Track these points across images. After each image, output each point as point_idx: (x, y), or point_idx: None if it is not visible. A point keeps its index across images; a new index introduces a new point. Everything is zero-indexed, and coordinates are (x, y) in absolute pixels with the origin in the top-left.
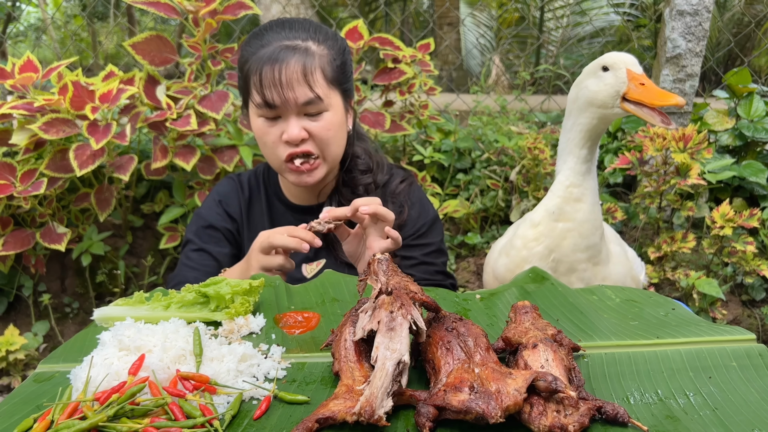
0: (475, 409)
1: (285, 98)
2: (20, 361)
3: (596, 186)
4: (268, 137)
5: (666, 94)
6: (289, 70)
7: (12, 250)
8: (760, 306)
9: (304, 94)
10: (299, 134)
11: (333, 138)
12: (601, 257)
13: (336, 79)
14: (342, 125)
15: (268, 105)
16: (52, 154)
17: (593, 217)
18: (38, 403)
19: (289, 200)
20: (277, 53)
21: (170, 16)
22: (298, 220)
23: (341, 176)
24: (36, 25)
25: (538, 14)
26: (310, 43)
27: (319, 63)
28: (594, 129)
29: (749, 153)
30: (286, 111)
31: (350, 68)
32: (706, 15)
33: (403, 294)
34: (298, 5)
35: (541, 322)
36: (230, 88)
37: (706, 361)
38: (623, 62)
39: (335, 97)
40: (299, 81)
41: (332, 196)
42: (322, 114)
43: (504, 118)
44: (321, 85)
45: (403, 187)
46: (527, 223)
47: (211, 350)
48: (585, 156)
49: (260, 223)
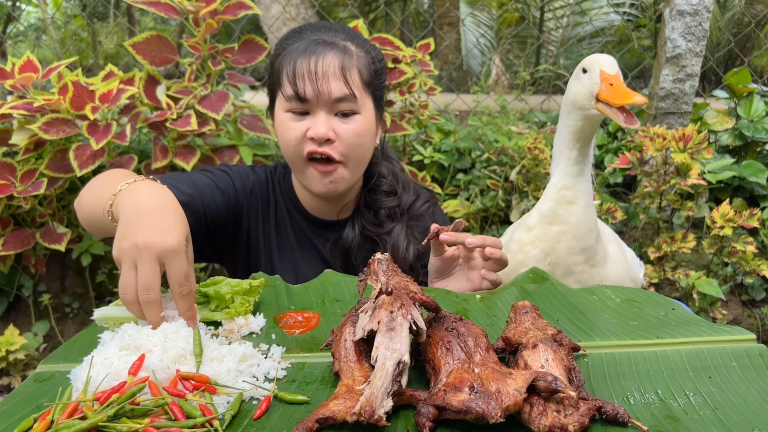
0: (475, 409)
1: (318, 91)
2: (20, 361)
3: (590, 188)
4: (292, 133)
5: (627, 94)
6: (326, 62)
7: (12, 250)
8: (760, 306)
9: (339, 88)
10: (326, 132)
11: (361, 146)
12: (597, 259)
13: (371, 84)
14: (371, 134)
15: (299, 98)
16: (52, 154)
17: (587, 219)
18: (38, 403)
19: (308, 211)
20: (314, 47)
21: (171, 16)
22: (316, 234)
23: (363, 195)
24: (36, 25)
25: (538, 14)
26: (348, 43)
27: (356, 62)
28: (581, 131)
29: (749, 153)
30: (317, 106)
31: (384, 79)
32: (706, 15)
33: (403, 294)
34: (298, 5)
35: (541, 322)
36: (230, 88)
37: (706, 361)
38: (598, 63)
39: (369, 102)
40: (336, 74)
41: (354, 217)
42: (354, 116)
43: (504, 118)
44: (357, 84)
45: (425, 207)
46: (522, 227)
47: (211, 350)
48: (575, 158)
49: (282, 227)
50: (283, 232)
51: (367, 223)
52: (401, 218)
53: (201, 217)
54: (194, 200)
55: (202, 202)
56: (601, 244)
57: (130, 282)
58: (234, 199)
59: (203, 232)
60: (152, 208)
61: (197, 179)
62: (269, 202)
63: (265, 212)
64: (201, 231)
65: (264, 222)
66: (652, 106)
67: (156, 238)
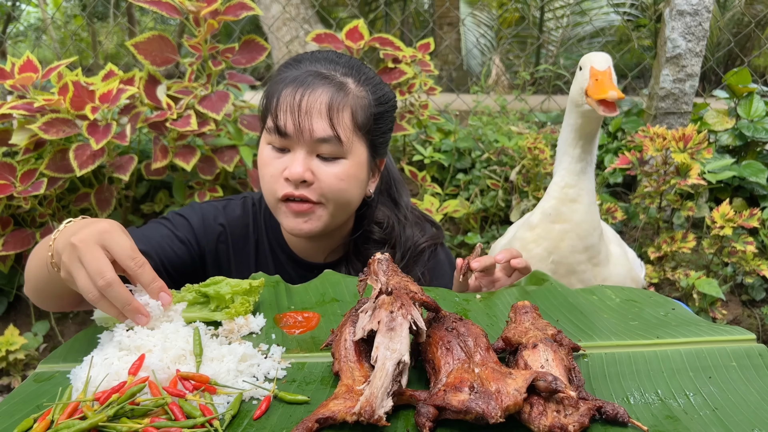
0: (475, 409)
1: (300, 128)
2: (20, 361)
3: (593, 186)
4: (268, 169)
5: (604, 89)
6: (312, 97)
7: (12, 250)
8: (760, 306)
9: (322, 128)
10: (302, 173)
11: (344, 191)
12: (600, 258)
13: (366, 127)
14: (358, 182)
15: (279, 132)
16: (52, 154)
17: (590, 217)
18: (38, 403)
19: (293, 251)
20: (305, 77)
21: (172, 15)
22: (300, 277)
23: (352, 244)
24: (36, 25)
25: (538, 14)
26: (349, 79)
27: (351, 102)
28: (582, 128)
29: (749, 153)
30: (297, 143)
31: (388, 124)
32: (706, 15)
33: (403, 294)
34: (298, 5)
35: (541, 322)
36: (230, 88)
37: (706, 361)
38: (590, 60)
39: (359, 147)
40: (321, 113)
41: (342, 263)
42: (338, 160)
43: (504, 118)
44: (345, 126)
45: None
46: (526, 226)
47: (211, 350)
48: (578, 155)
49: (262, 268)
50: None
51: (355, 272)
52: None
53: (159, 269)
54: (148, 257)
55: (159, 256)
56: (604, 244)
57: (85, 281)
58: (196, 246)
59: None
60: (87, 223)
61: (152, 232)
62: (248, 242)
63: (241, 254)
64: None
65: (238, 264)
66: (652, 106)
67: (87, 228)
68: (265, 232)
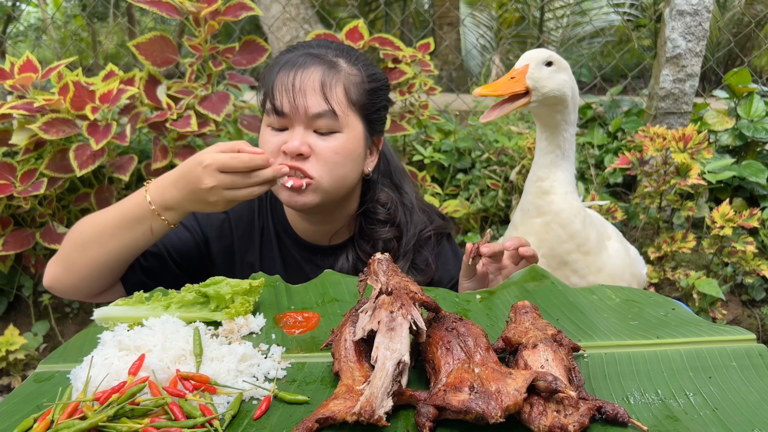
0: (475, 409)
1: (295, 105)
2: (20, 361)
3: (568, 176)
4: (267, 146)
5: (486, 85)
6: (305, 75)
7: (12, 250)
8: (760, 306)
9: (317, 103)
10: (299, 146)
11: (338, 165)
12: (590, 246)
13: (360, 103)
14: (355, 156)
15: (277, 112)
16: (52, 154)
17: (567, 206)
18: (38, 403)
19: (298, 235)
20: (298, 58)
21: (172, 16)
22: (305, 259)
23: (359, 223)
24: (36, 25)
25: (538, 14)
26: (340, 59)
27: (343, 79)
28: (540, 120)
29: (749, 153)
30: (294, 121)
31: (383, 101)
32: (706, 15)
33: (403, 294)
34: (298, 5)
35: (541, 321)
36: (231, 89)
37: (706, 361)
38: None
39: (355, 121)
40: (315, 89)
41: (348, 246)
42: (334, 134)
43: (504, 118)
44: (340, 101)
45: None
46: (511, 227)
47: (211, 350)
48: (545, 148)
49: (268, 254)
50: (269, 259)
51: (363, 254)
52: (404, 257)
53: (165, 257)
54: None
55: (164, 244)
56: (593, 231)
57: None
58: (200, 232)
59: (175, 273)
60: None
61: None
62: (253, 228)
63: (246, 241)
64: (172, 272)
65: (244, 252)
66: (652, 106)
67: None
68: (270, 218)
